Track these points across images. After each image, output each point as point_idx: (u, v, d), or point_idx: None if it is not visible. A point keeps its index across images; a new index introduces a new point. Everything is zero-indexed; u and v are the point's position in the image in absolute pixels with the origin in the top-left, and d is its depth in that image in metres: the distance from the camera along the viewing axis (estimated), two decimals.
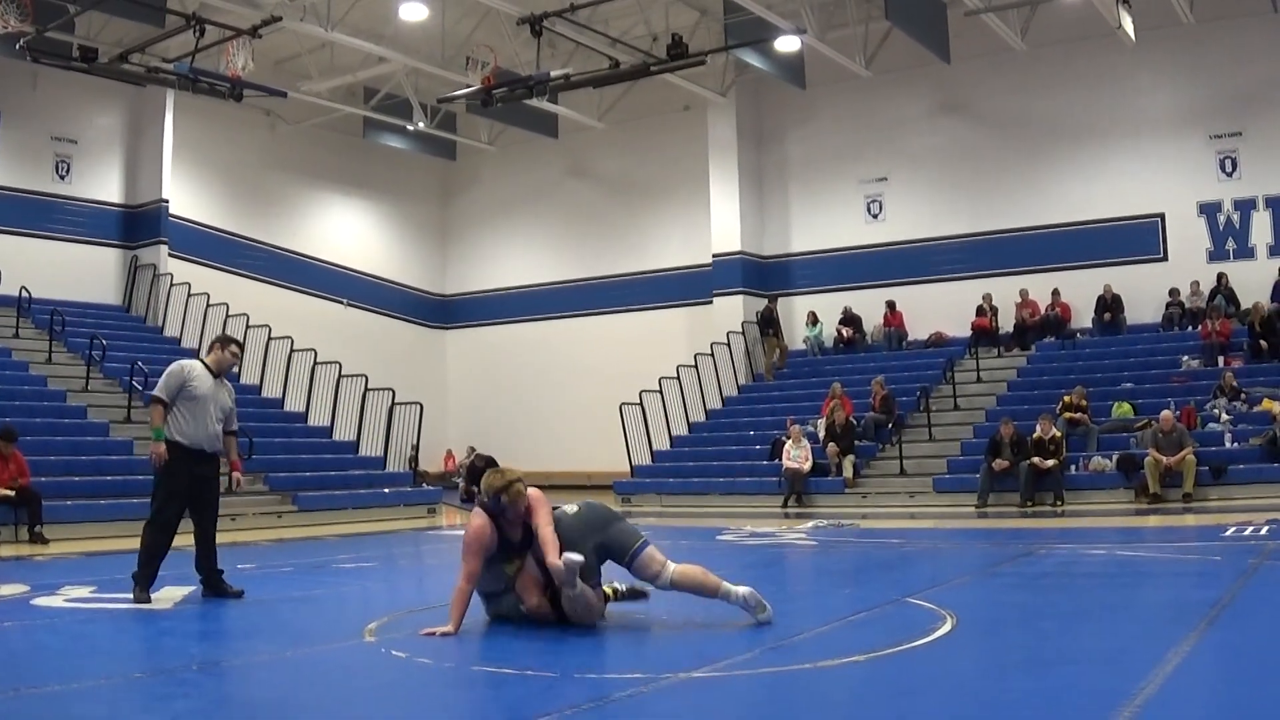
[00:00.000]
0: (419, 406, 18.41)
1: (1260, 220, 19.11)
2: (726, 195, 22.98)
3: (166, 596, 7.29)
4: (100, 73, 14.18)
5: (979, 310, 20.70)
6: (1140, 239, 19.96)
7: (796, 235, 23.16)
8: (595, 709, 4.24)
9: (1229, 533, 10.83)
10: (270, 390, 19.20)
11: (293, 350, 19.02)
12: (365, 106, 23.12)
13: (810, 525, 13.61)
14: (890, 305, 21.72)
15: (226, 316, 19.29)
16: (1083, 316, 20.17)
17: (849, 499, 16.99)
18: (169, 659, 5.56)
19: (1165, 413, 15.48)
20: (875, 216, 22.32)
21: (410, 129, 23.80)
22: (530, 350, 25.87)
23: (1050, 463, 15.55)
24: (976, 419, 18.33)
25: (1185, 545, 10.36)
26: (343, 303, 25.27)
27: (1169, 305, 19.44)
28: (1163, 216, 19.82)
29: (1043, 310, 20.26)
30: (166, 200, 21.32)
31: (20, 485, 12.61)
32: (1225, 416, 16.29)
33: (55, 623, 6.60)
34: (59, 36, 16.19)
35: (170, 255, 21.34)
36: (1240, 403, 16.54)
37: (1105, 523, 13.08)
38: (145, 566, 7.18)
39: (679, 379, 20.90)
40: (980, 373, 19.59)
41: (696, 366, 21.32)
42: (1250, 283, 18.70)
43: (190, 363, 7.66)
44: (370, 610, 6.91)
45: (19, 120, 20.06)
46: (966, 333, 20.68)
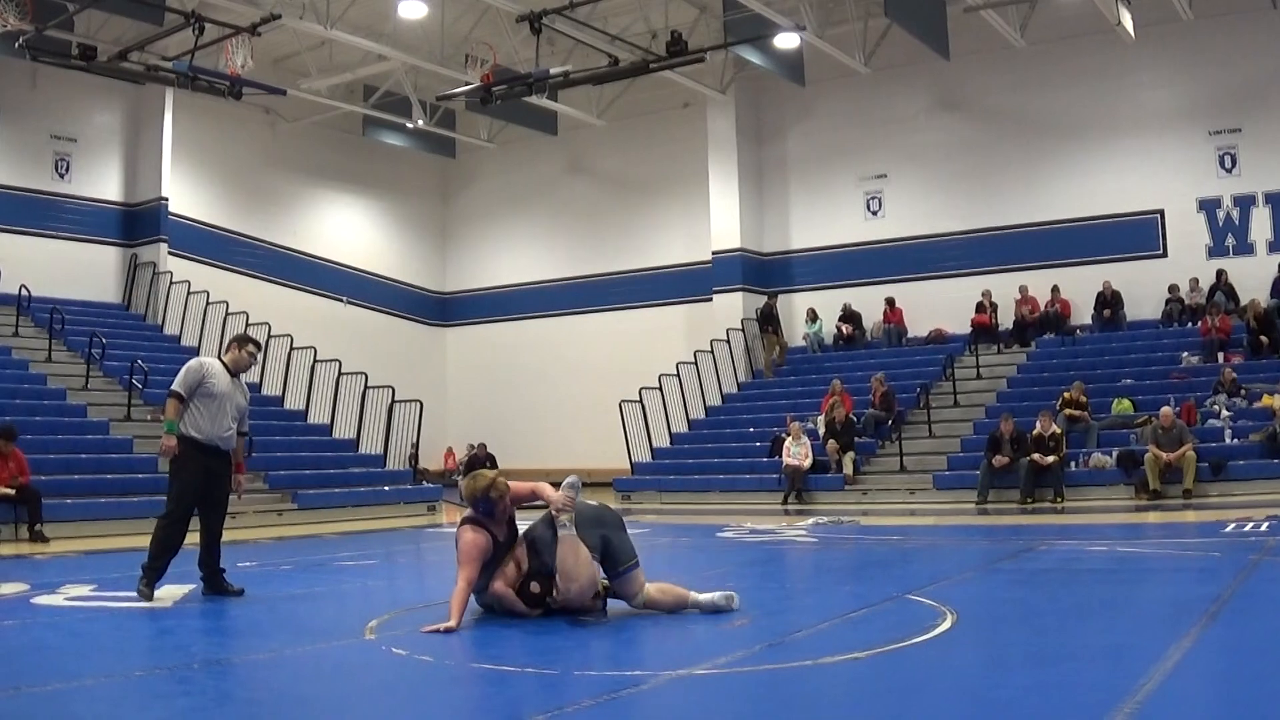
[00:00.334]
0: (419, 404, 18.40)
1: (1260, 216, 19.13)
2: (726, 192, 22.97)
3: (167, 594, 7.29)
4: (99, 71, 14.20)
5: (979, 307, 20.71)
6: (1140, 235, 19.97)
7: (796, 232, 23.15)
8: (596, 706, 4.23)
9: (1229, 529, 10.84)
10: (270, 388, 19.16)
11: (292, 348, 19.00)
12: (364, 104, 23.10)
13: (810, 522, 13.62)
14: (890, 302, 21.72)
15: (226, 314, 19.34)
16: (1082, 313, 20.18)
17: (849, 496, 17.01)
18: (170, 657, 5.56)
19: (1165, 409, 15.49)
20: (875, 213, 22.31)
21: (410, 126, 23.79)
22: (530, 347, 25.87)
23: (1050, 459, 15.55)
24: (976, 415, 18.34)
25: (1185, 541, 10.38)
26: (342, 300, 25.26)
27: (1169, 301, 19.45)
28: (1162, 213, 19.83)
29: (1042, 307, 20.27)
30: (166, 198, 21.32)
31: (20, 484, 12.61)
32: (1225, 412, 16.30)
33: (56, 621, 6.59)
34: (58, 35, 16.18)
35: (170, 253, 21.34)
36: (1240, 399, 16.55)
37: (1105, 519, 13.09)
38: (156, 559, 7.19)
39: (679, 376, 20.90)
40: (980, 369, 19.60)
41: (696, 363, 21.32)
42: (1250, 279, 18.73)
43: (209, 360, 7.68)
44: (371, 608, 6.91)
45: (18, 118, 20.10)
46: (966, 329, 20.70)
